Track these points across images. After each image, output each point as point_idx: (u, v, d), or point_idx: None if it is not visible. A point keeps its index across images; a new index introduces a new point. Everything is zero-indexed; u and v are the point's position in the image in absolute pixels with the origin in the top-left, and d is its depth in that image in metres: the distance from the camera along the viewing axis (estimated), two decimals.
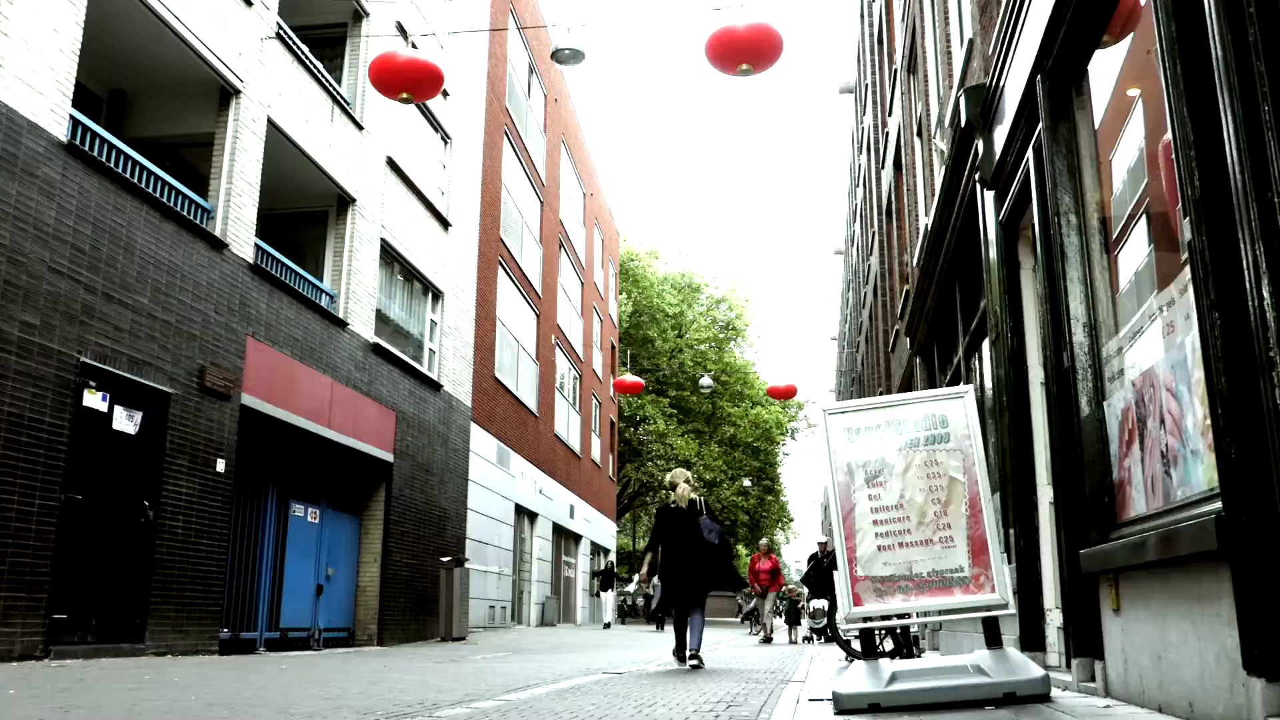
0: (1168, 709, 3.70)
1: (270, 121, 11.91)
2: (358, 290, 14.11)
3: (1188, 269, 3.41)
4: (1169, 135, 3.47)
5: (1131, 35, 4.42)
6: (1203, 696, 3.37)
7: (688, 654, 8.64)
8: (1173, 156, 3.44)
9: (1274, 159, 2.83)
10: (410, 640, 15.04)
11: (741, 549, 43.82)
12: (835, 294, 49.23)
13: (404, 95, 9.18)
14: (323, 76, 13.26)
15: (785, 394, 27.62)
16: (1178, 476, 3.79)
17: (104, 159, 9.11)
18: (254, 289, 11.46)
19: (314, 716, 4.63)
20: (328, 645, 13.15)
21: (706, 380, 35.28)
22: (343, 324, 13.59)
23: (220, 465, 10.49)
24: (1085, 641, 4.79)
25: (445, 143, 17.94)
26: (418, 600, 15.63)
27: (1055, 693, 4.59)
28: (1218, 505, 3.17)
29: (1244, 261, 2.91)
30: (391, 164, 15.36)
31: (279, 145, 12.21)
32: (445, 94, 17.35)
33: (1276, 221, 2.81)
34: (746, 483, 42.98)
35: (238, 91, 11.24)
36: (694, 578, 8.57)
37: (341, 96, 13.84)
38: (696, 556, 8.56)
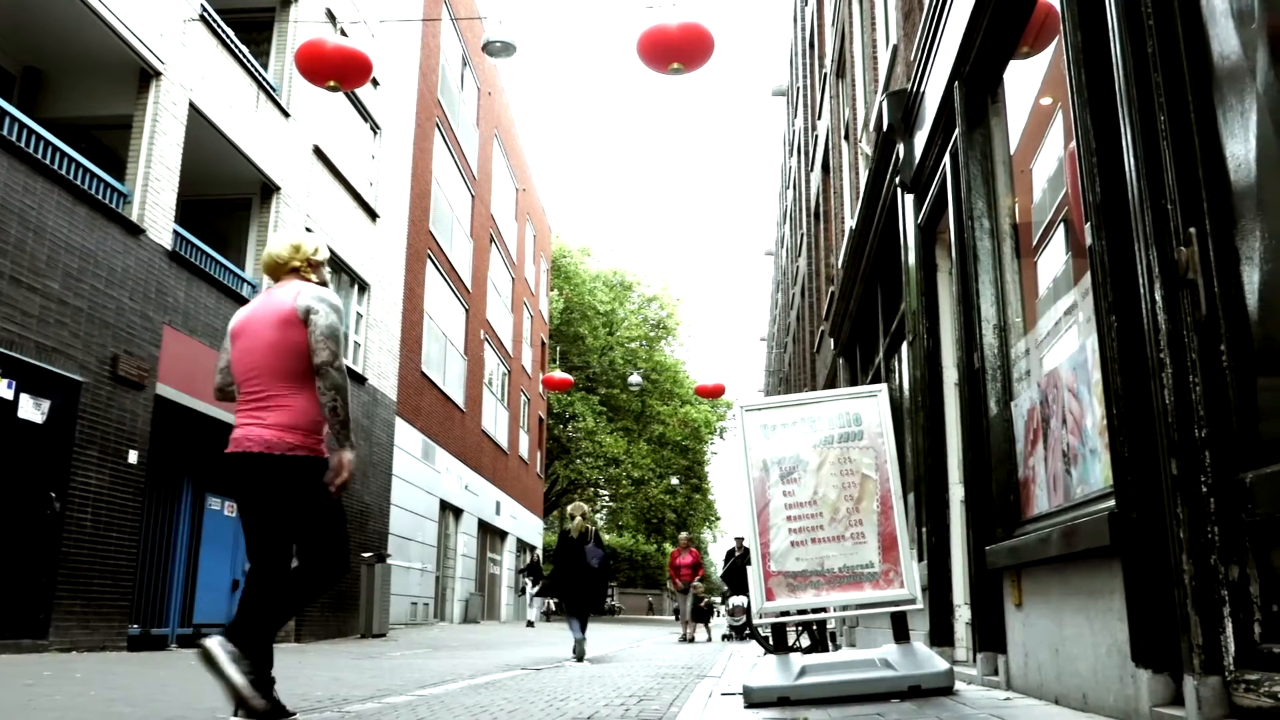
0: (1064, 700, 3.80)
1: (192, 105, 11.65)
2: None
3: (1089, 273, 3.51)
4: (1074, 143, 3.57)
5: (1051, 47, 4.53)
6: (1095, 688, 3.46)
7: (576, 653, 10.39)
8: (1076, 163, 3.53)
9: (1169, 167, 2.92)
10: (329, 637, 14.83)
11: (669, 547, 43.99)
12: (765, 295, 49.68)
13: (332, 83, 9.04)
14: (248, 61, 12.99)
15: (713, 393, 27.80)
16: (1077, 474, 3.90)
17: (14, 139, 8.82)
18: (172, 276, 11.20)
19: (218, 712, 4.54)
20: None
21: (635, 378, 35.36)
22: None
23: (133, 456, 10.23)
24: (989, 636, 4.90)
25: (375, 133, 17.72)
26: (337, 596, 15.40)
27: (959, 686, 4.69)
28: (1112, 502, 3.26)
29: (1139, 266, 3.00)
30: (318, 153, 15.12)
31: (201, 130, 11.94)
32: (375, 83, 17.13)
33: (1169, 227, 2.90)
34: (674, 481, 43.17)
35: (158, 73, 10.97)
36: (579, 593, 10.71)
37: (267, 82, 13.58)
38: (581, 577, 10.67)
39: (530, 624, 23.92)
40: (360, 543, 16.27)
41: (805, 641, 9.79)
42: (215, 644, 3.77)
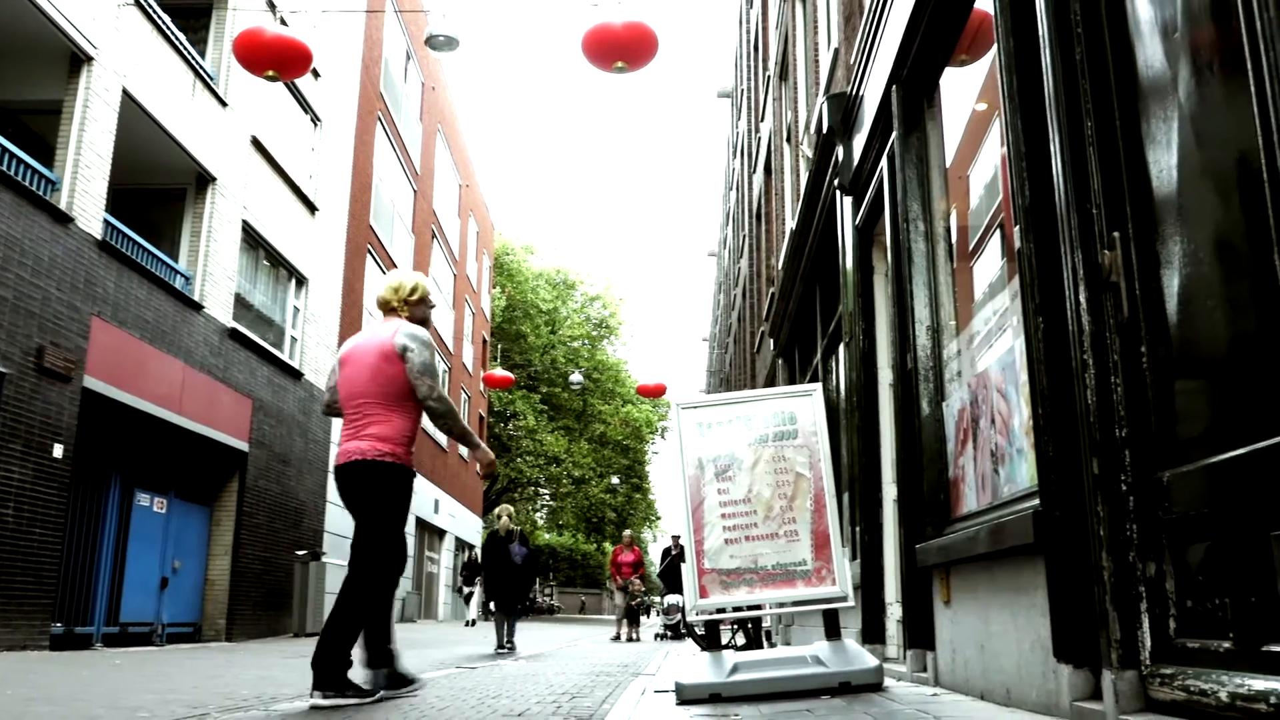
0: (989, 696, 3.86)
1: (125, 92, 11.39)
2: (215, 272, 13.62)
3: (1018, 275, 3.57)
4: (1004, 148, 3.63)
5: (988, 56, 4.60)
6: (1019, 683, 3.53)
7: (504, 643, 11.48)
8: (1007, 167, 3.60)
9: (1094, 172, 2.99)
10: (262, 636, 14.59)
11: (609, 546, 43.96)
12: (707, 296, 49.89)
13: (270, 73, 8.89)
14: (184, 48, 12.74)
15: (655, 392, 27.85)
16: (1005, 474, 3.97)
17: None
18: (101, 267, 10.94)
19: (140, 711, 4.44)
20: (172, 641, 12.65)
21: (577, 377, 35.29)
22: (198, 307, 13.09)
23: (58, 450, 9.98)
24: (919, 633, 4.96)
25: (315, 125, 17.47)
26: (270, 595, 15.17)
27: (889, 682, 4.74)
28: (1037, 501, 3.32)
29: (1065, 269, 3.06)
30: (256, 144, 14.87)
31: (135, 118, 11.69)
32: (316, 74, 16.90)
33: (1094, 231, 2.96)
34: (615, 480, 43.16)
35: (90, 58, 10.71)
36: (505, 589, 11.85)
37: (204, 70, 13.33)
38: (506, 573, 11.86)
39: (470, 623, 23.67)
40: (294, 540, 16.04)
41: (740, 640, 9.86)
42: (318, 699, 4.45)
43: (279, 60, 8.75)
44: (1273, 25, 1.95)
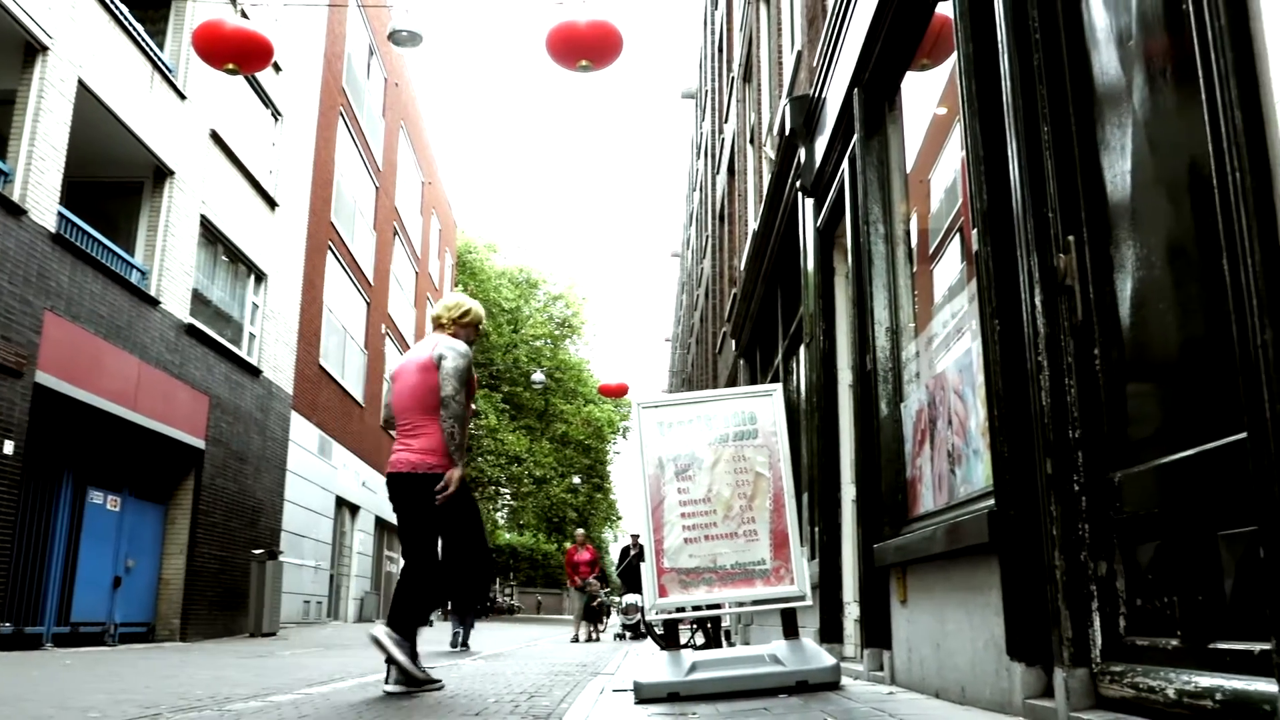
0: (944, 694, 3.90)
1: (81, 83, 11.21)
2: (172, 267, 13.44)
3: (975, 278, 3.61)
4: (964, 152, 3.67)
5: (949, 61, 4.64)
6: (973, 681, 3.56)
7: (459, 643, 11.93)
8: (966, 171, 3.63)
9: (1050, 176, 3.03)
10: (217, 636, 14.42)
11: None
12: (670, 296, 49.97)
13: (230, 66, 8.77)
14: (142, 39, 12.56)
15: (617, 392, 27.82)
16: (961, 474, 4.01)
17: None
18: (55, 260, 10.75)
19: (90, 711, 4.37)
20: (125, 641, 12.46)
21: (539, 376, 35.19)
22: (154, 302, 12.91)
23: (8, 447, 9.79)
24: (876, 632, 5.01)
25: (276, 119, 17.29)
26: (226, 594, 14.99)
27: (846, 681, 4.78)
28: (992, 501, 3.36)
29: (1021, 272, 3.10)
30: (215, 137, 14.69)
31: (91, 109, 11.50)
32: (277, 68, 16.73)
33: (1049, 235, 3.00)
34: (576, 480, 43.09)
35: (45, 48, 10.52)
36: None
37: (163, 62, 13.14)
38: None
39: (429, 623, 23.45)
40: (251, 539, 15.87)
41: (700, 639, 9.88)
42: (381, 632, 4.87)
43: (239, 53, 8.65)
44: (1223, 34, 1.98)
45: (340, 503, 22.76)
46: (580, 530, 19.90)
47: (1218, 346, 2.15)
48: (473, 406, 5.32)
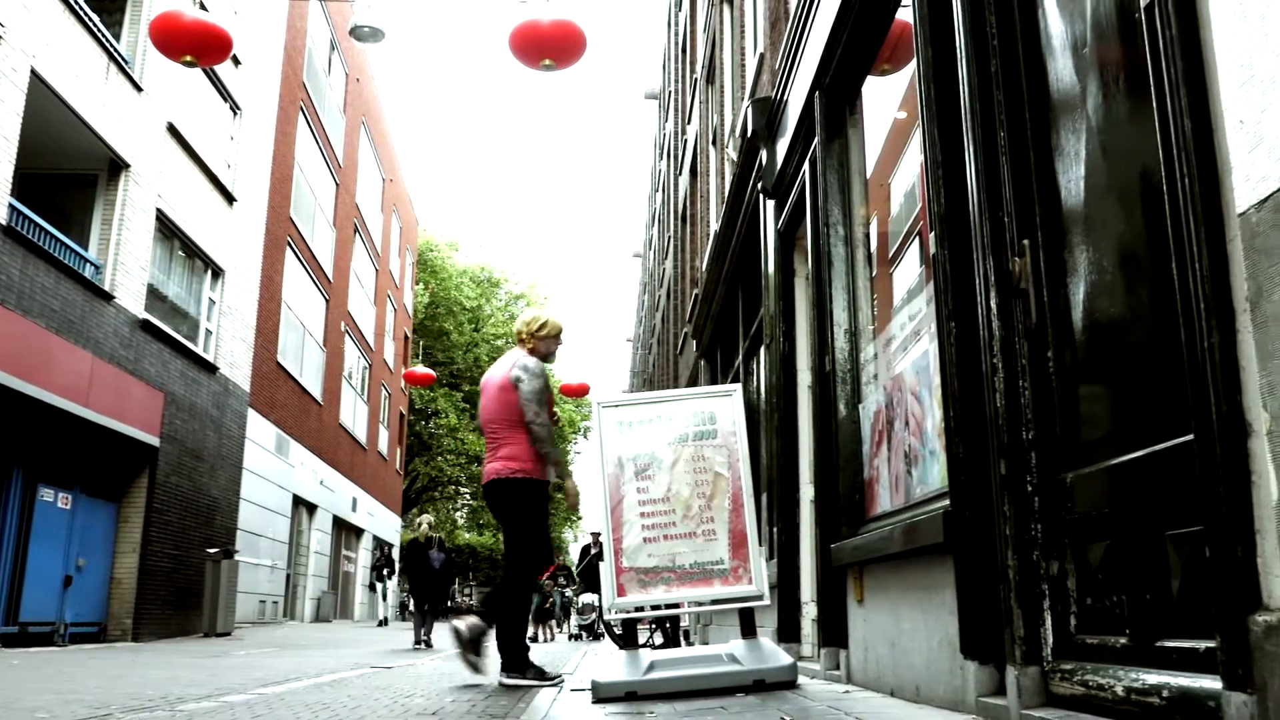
0: (899, 693, 3.94)
1: (34, 73, 11.00)
2: (127, 261, 13.23)
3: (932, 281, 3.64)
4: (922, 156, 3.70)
5: (910, 66, 4.68)
6: (928, 679, 3.60)
7: (421, 639, 12.57)
8: (925, 175, 3.67)
9: (1006, 181, 3.06)
10: (170, 636, 14.22)
11: None
12: (632, 296, 49.96)
13: (188, 58, 8.66)
14: (98, 30, 12.36)
15: (578, 392, 27.79)
16: (917, 475, 4.05)
17: None
18: (6, 253, 10.55)
19: (38, 712, 4.30)
20: (76, 641, 12.26)
21: None
22: (108, 297, 12.71)
23: None
24: (833, 631, 5.04)
25: (234, 113, 17.09)
26: (180, 594, 14.79)
27: (803, 680, 4.81)
28: (948, 501, 3.39)
29: (977, 275, 3.14)
30: (173, 130, 14.49)
31: (44, 100, 11.30)
32: (236, 62, 16.54)
33: (1005, 238, 3.04)
34: None
35: None
36: (425, 589, 13.33)
37: (119, 53, 12.94)
38: (427, 576, 13.39)
39: (383, 622, 23.24)
40: (206, 538, 15.67)
41: (659, 639, 9.89)
42: (462, 625, 5.33)
43: (197, 46, 8.53)
44: (1174, 44, 2.02)
45: (297, 501, 22.54)
46: None
47: (1167, 349, 2.19)
48: (555, 413, 5.76)
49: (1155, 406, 2.31)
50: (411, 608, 13.65)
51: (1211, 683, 1.96)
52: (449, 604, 13.80)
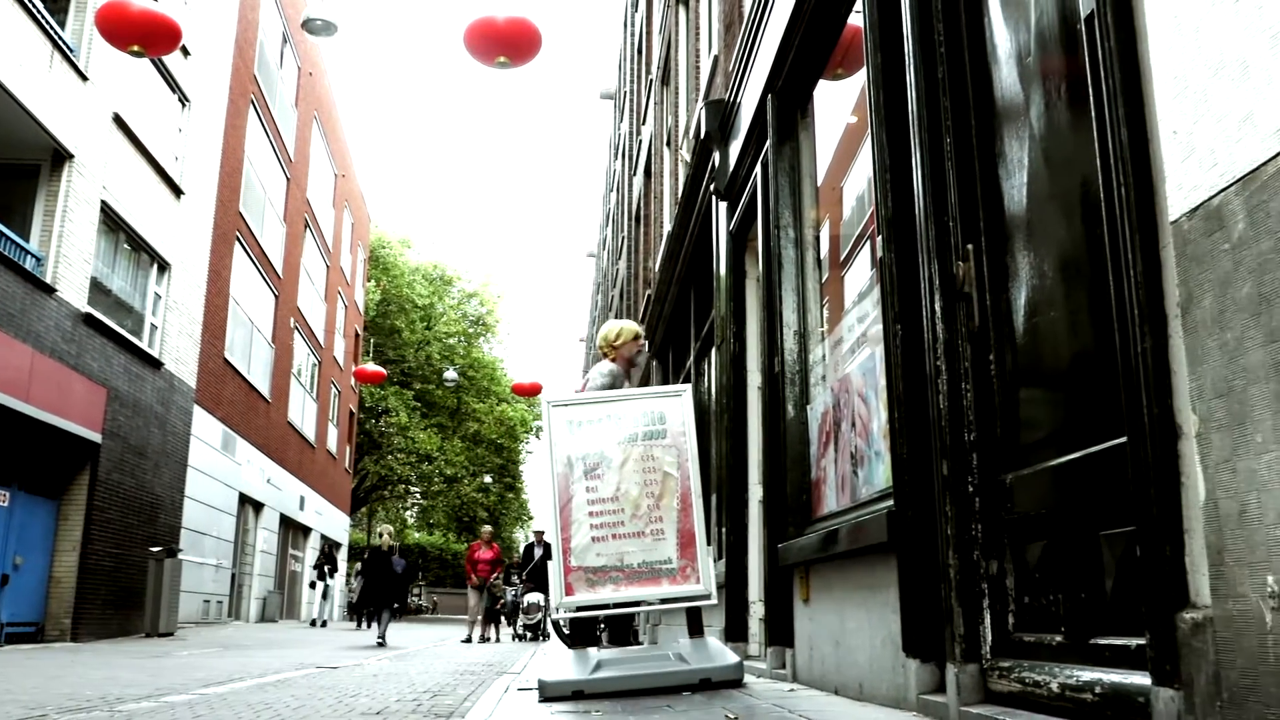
0: (843, 691, 3.98)
1: None
2: (70, 254, 12.96)
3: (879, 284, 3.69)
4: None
5: (862, 70, 4.72)
6: (871, 677, 3.64)
7: (379, 638, 13.76)
8: (873, 179, 3.71)
9: (952, 186, 3.11)
10: (111, 636, 13.95)
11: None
12: (586, 296, 49.92)
13: (135, 48, 8.52)
14: (41, 16, 12.09)
15: (530, 391, 27.71)
16: (863, 475, 4.09)
17: None
18: None
19: None
20: (12, 641, 11.97)
21: (451, 374, 34.85)
22: (50, 290, 12.44)
23: None
24: (779, 631, 5.08)
25: (183, 105, 16.81)
26: (122, 593, 14.51)
27: (749, 679, 4.84)
28: (892, 502, 3.44)
29: (922, 279, 3.18)
30: (119, 121, 14.21)
31: None
32: (186, 52, 16.26)
33: (950, 243, 3.09)
34: (488, 479, 42.77)
35: None
36: (384, 594, 14.62)
37: (63, 41, 12.67)
38: (387, 580, 14.69)
39: (322, 623, 22.15)
40: (149, 537, 15.40)
41: (607, 639, 9.89)
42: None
43: (145, 35, 8.40)
44: (1113, 56, 2.07)
45: (244, 500, 22.22)
46: (486, 528, 19.35)
47: (1103, 354, 2.24)
48: None
49: (1092, 409, 2.37)
50: (370, 609, 15.01)
51: (1142, 679, 2.00)
52: (407, 604, 15.27)
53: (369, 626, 21.10)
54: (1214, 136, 1.77)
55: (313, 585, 23.37)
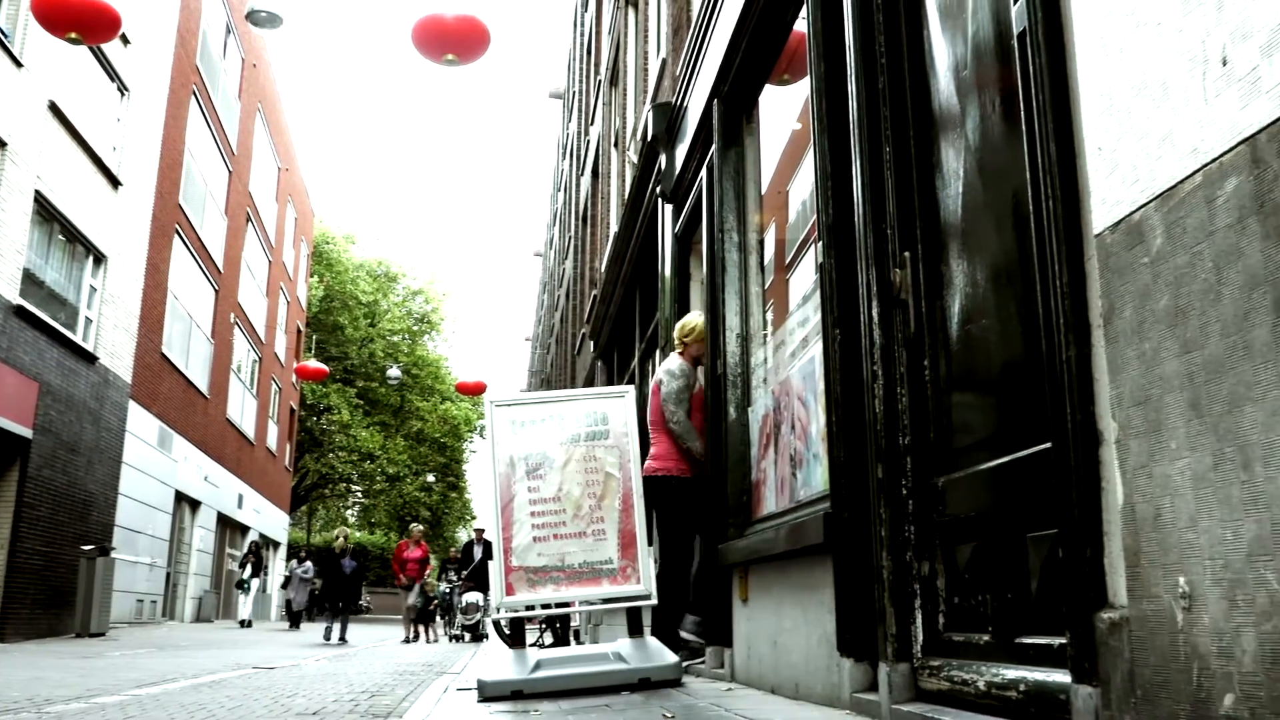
0: (779, 690, 4.03)
1: None
2: (1, 244, 12.65)
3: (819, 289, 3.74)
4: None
5: (807, 76, 4.78)
6: (806, 677, 3.70)
7: (336, 636, 15.33)
8: (815, 185, 3.77)
9: (890, 194, 3.17)
10: (40, 636, 13.64)
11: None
12: (532, 295, 49.77)
13: (73, 35, 8.36)
14: None
15: (474, 390, 27.57)
16: (802, 477, 4.15)
17: None
18: None
19: None
20: None
21: (394, 371, 34.56)
22: None
23: None
24: (719, 631, 5.13)
25: (122, 94, 16.49)
26: (52, 593, 14.20)
27: (687, 679, 4.88)
28: (829, 504, 3.49)
29: (860, 284, 3.24)
30: (55, 109, 13.91)
31: None
32: (125, 40, 15.96)
33: (888, 250, 3.15)
34: (430, 478, 42.47)
35: None
36: (339, 593, 16.00)
37: None
38: (339, 581, 16.12)
39: (247, 624, 21.43)
40: (81, 534, 15.08)
41: (549, 639, 9.90)
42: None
43: (83, 22, 8.24)
44: (1043, 71, 2.13)
45: (180, 497, 21.84)
46: (416, 526, 18.99)
47: (1031, 361, 2.31)
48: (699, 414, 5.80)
49: (1020, 415, 2.43)
50: (329, 606, 16.32)
51: (1063, 677, 2.07)
52: (358, 602, 16.79)
53: (299, 629, 20.89)
54: (1136, 153, 1.83)
55: (239, 585, 22.50)
